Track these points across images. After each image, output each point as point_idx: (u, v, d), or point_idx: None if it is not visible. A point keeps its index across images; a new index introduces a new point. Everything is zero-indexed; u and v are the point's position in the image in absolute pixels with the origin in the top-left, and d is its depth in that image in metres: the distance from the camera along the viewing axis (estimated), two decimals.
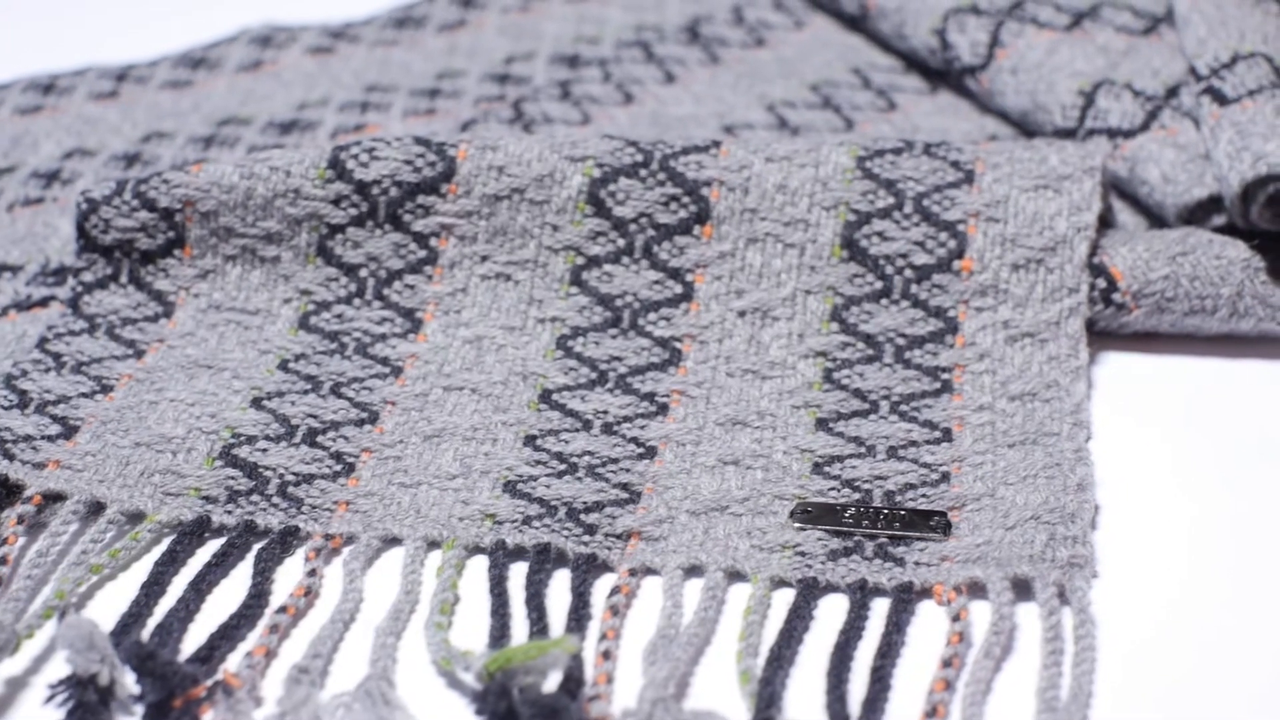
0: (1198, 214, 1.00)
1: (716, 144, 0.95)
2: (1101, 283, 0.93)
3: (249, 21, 1.24)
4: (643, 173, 0.94)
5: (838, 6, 1.22)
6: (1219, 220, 0.99)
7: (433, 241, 0.94)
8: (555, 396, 0.89)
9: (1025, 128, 1.11)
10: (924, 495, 0.83)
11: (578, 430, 0.87)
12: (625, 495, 0.83)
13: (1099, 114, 1.05)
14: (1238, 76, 1.01)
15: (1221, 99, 1.01)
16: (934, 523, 0.81)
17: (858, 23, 1.21)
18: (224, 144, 1.10)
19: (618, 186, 0.94)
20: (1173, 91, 1.06)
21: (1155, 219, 1.02)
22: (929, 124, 1.11)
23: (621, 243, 0.94)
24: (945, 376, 0.90)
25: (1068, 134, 1.06)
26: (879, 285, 0.93)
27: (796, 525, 0.81)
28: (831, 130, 1.10)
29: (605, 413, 0.88)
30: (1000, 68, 1.10)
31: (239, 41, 1.21)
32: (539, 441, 0.86)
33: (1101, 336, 0.94)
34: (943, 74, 1.16)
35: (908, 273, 0.93)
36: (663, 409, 0.88)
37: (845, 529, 0.81)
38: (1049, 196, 0.94)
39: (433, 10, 1.24)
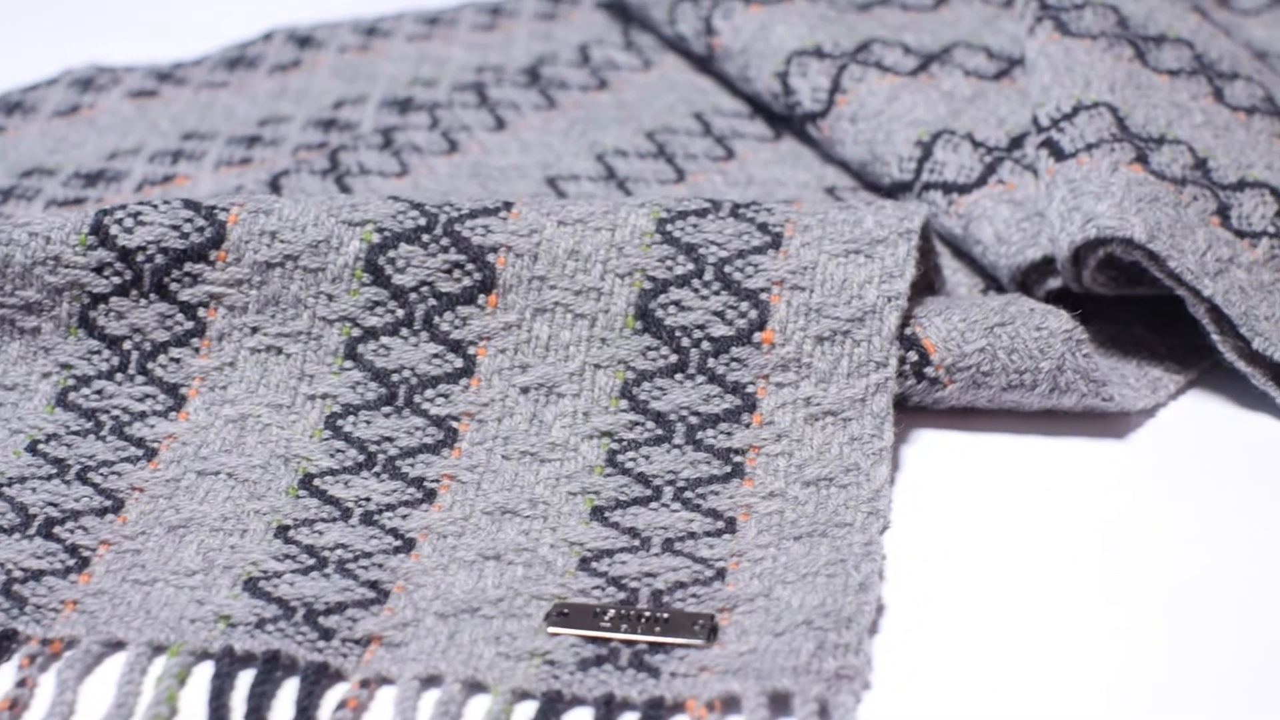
0: (1032, 276, 0.94)
1: (507, 206, 0.89)
2: (913, 356, 0.86)
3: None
4: (425, 238, 0.88)
5: (687, 46, 1.15)
6: (1055, 283, 0.93)
7: (200, 312, 0.88)
8: (317, 482, 0.83)
9: (865, 179, 1.05)
10: (694, 595, 0.77)
11: (335, 520, 0.81)
12: (372, 595, 0.77)
13: (935, 167, 0.99)
14: (1077, 128, 0.95)
15: (1058, 153, 0.94)
16: (699, 627, 0.75)
17: (706, 64, 1.15)
18: (22, 197, 1.04)
19: (398, 253, 0.88)
20: (1017, 142, 1.00)
21: (995, 280, 0.96)
22: (765, 174, 1.05)
23: (400, 313, 0.88)
24: (737, 459, 0.84)
25: (904, 187, 1.00)
26: (673, 359, 0.86)
27: (551, 630, 0.75)
28: (660, 182, 1.04)
29: (368, 500, 0.82)
30: (840, 115, 1.04)
31: (59, 84, 1.15)
32: (291, 533, 0.80)
33: (914, 412, 0.88)
34: (788, 120, 1.10)
35: (705, 345, 0.86)
36: (430, 496, 0.82)
37: (603, 634, 0.75)
38: (860, 262, 0.87)
39: (268, 50, 1.18)
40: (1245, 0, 1.17)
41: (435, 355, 0.87)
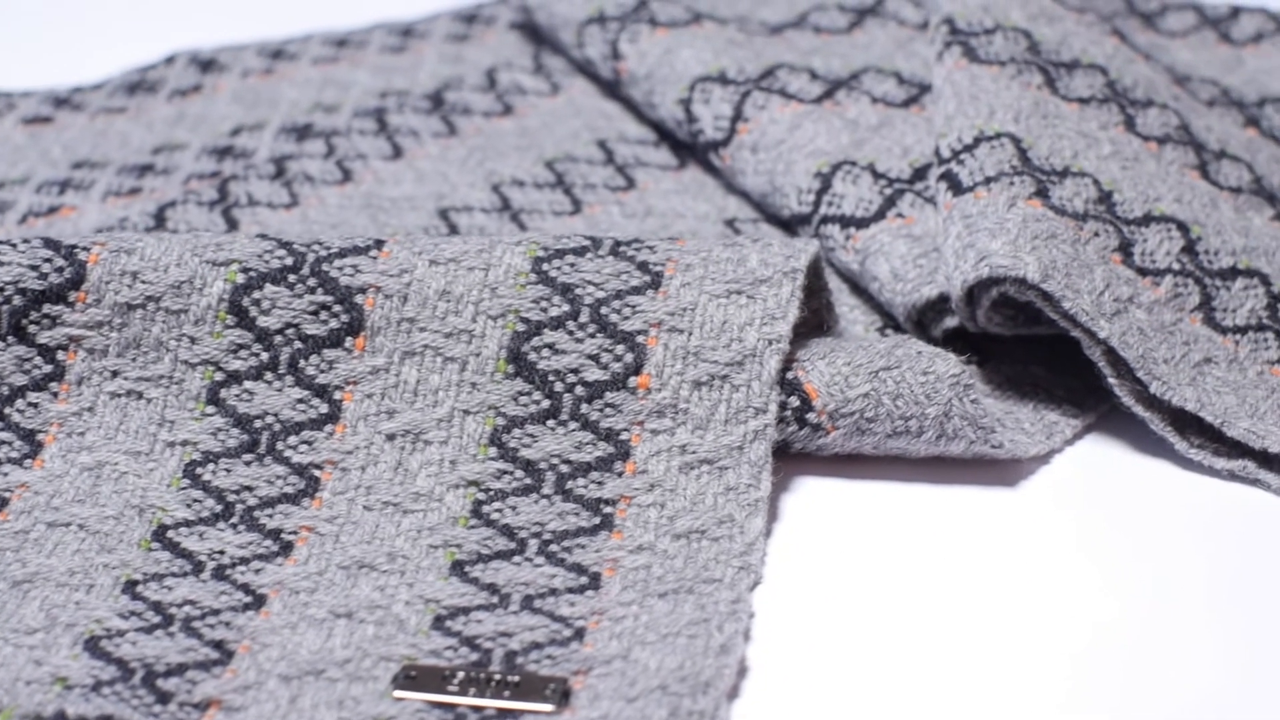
0: (929, 315, 0.91)
1: (378, 244, 0.86)
2: (795, 401, 0.83)
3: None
4: (291, 278, 0.85)
5: (596, 70, 1.12)
6: (951, 322, 0.90)
7: (59, 355, 0.85)
8: (171, 534, 0.80)
9: (767, 211, 1.01)
10: (549, 656, 0.74)
11: (186, 575, 0.78)
12: (216, 655, 0.74)
13: (834, 199, 0.96)
14: (977, 161, 0.92)
15: (956, 186, 0.91)
16: (550, 691, 0.72)
17: (615, 89, 1.12)
18: None
19: (263, 294, 0.85)
20: (920, 173, 0.97)
21: (894, 319, 0.93)
22: (665, 205, 1.02)
23: (265, 357, 0.84)
24: (607, 511, 0.81)
25: (803, 220, 0.97)
26: (546, 405, 0.83)
27: (397, 694, 0.72)
28: (555, 213, 1.01)
29: (222, 553, 0.79)
30: (741, 144, 1.01)
31: None
32: (140, 588, 0.77)
33: (797, 459, 0.85)
34: (693, 148, 1.06)
35: (578, 390, 0.83)
36: (286, 549, 0.79)
37: (450, 698, 0.72)
38: (741, 303, 0.84)
39: (169, 74, 1.15)
40: (1172, 21, 1.14)
41: (300, 400, 0.84)
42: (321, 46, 1.18)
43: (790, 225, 0.99)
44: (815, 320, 0.89)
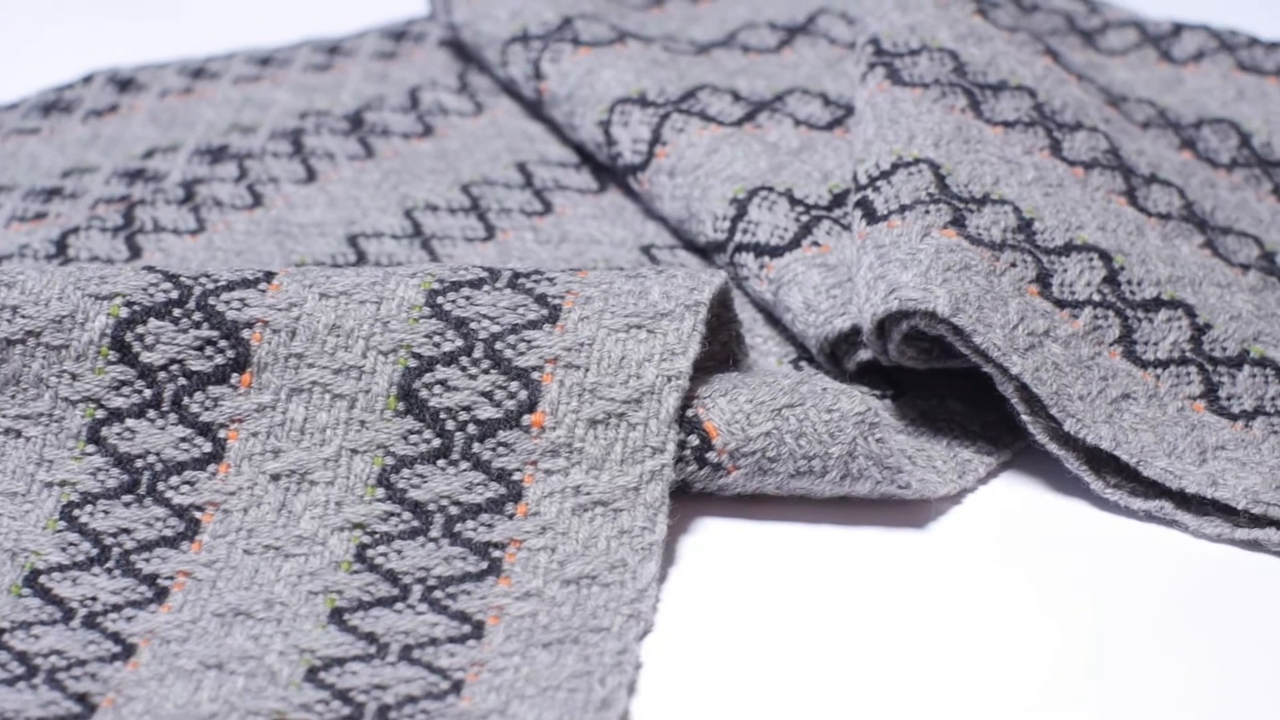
0: (842, 347, 0.88)
1: (268, 277, 0.83)
2: (694, 440, 0.80)
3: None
4: (177, 312, 0.82)
5: (519, 91, 1.09)
6: (865, 355, 0.87)
7: None
8: (44, 579, 0.77)
9: (684, 238, 0.98)
10: (424, 711, 0.71)
11: (55, 622, 0.75)
12: (77, 710, 0.71)
13: (749, 227, 0.93)
14: (893, 188, 0.89)
15: (870, 214, 0.88)
16: None
17: (538, 109, 1.09)
18: None
19: (147, 328, 0.82)
20: (839, 199, 0.94)
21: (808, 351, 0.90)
22: (581, 231, 0.99)
23: (148, 394, 0.82)
24: (496, 555, 0.78)
25: (719, 248, 0.94)
26: (436, 444, 0.80)
27: None
28: (468, 240, 0.98)
29: (94, 600, 0.76)
30: (659, 168, 0.98)
31: None
32: (6, 637, 0.74)
33: (698, 500, 0.82)
34: (614, 171, 1.03)
35: (470, 429, 0.80)
36: (161, 595, 0.76)
37: None
38: (641, 338, 0.81)
39: (85, 93, 1.12)
40: (1112, 39, 1.11)
41: (183, 439, 0.81)
42: (244, 65, 1.15)
43: (706, 253, 0.96)
44: (724, 353, 0.86)
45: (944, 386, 0.88)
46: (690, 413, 0.81)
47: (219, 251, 0.97)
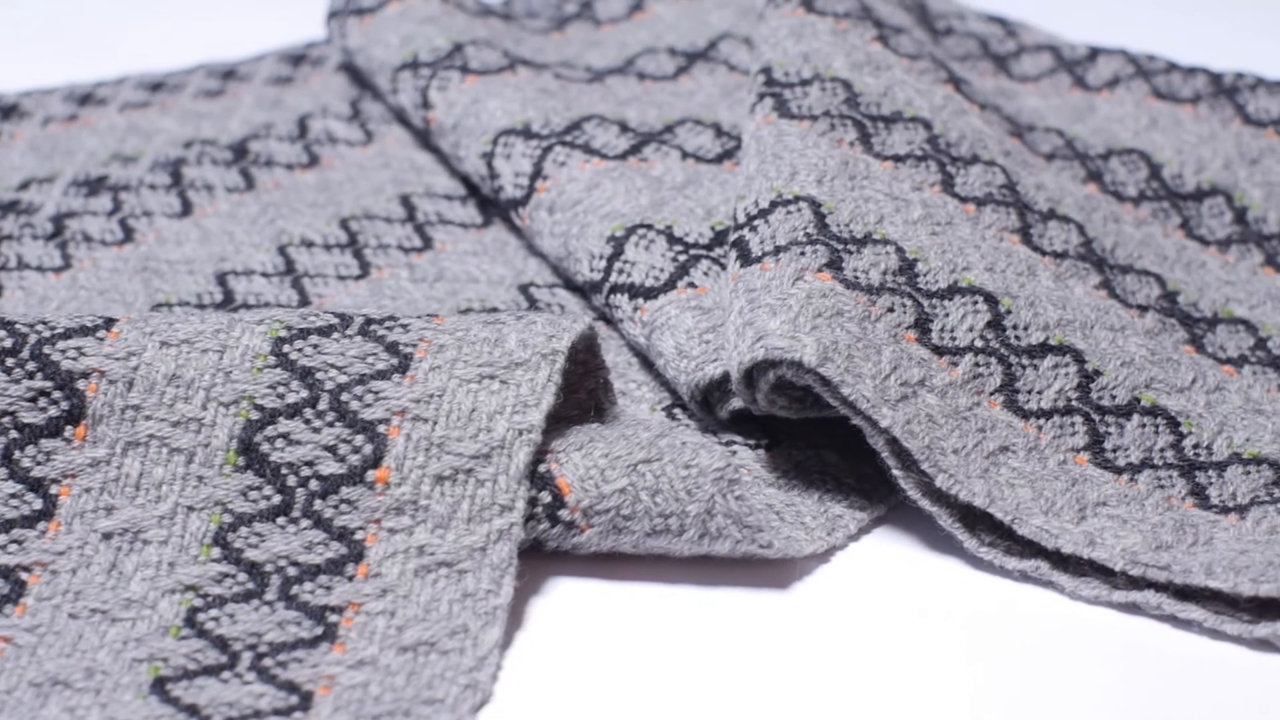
0: (714, 395, 0.84)
1: (108, 324, 0.80)
2: (546, 497, 0.77)
3: None
4: (9, 362, 0.78)
5: (410, 119, 1.06)
6: (738, 403, 0.83)
7: None
8: None
9: (564, 277, 0.95)
10: None
11: None
12: None
13: (624, 266, 0.89)
14: (771, 228, 0.85)
15: (745, 256, 0.85)
16: None
17: (427, 139, 1.05)
18: None
19: None
20: (721, 237, 0.90)
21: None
22: (459, 268, 0.95)
23: None
24: (333, 619, 0.74)
25: (595, 288, 0.90)
26: (277, 500, 0.77)
27: None
28: (340, 277, 0.94)
29: None
30: (539, 204, 0.94)
31: None
32: None
33: (553, 558, 0.78)
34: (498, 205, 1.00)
35: (313, 485, 0.77)
36: None
37: None
38: (493, 389, 0.78)
39: None
40: (1027, 64, 1.07)
41: (13, 496, 0.77)
42: (134, 90, 1.11)
43: (585, 293, 0.93)
44: (590, 402, 0.83)
45: (821, 436, 0.84)
46: (543, 468, 0.77)
47: (82, 290, 0.94)
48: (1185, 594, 0.76)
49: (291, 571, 0.76)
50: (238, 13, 1.26)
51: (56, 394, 0.78)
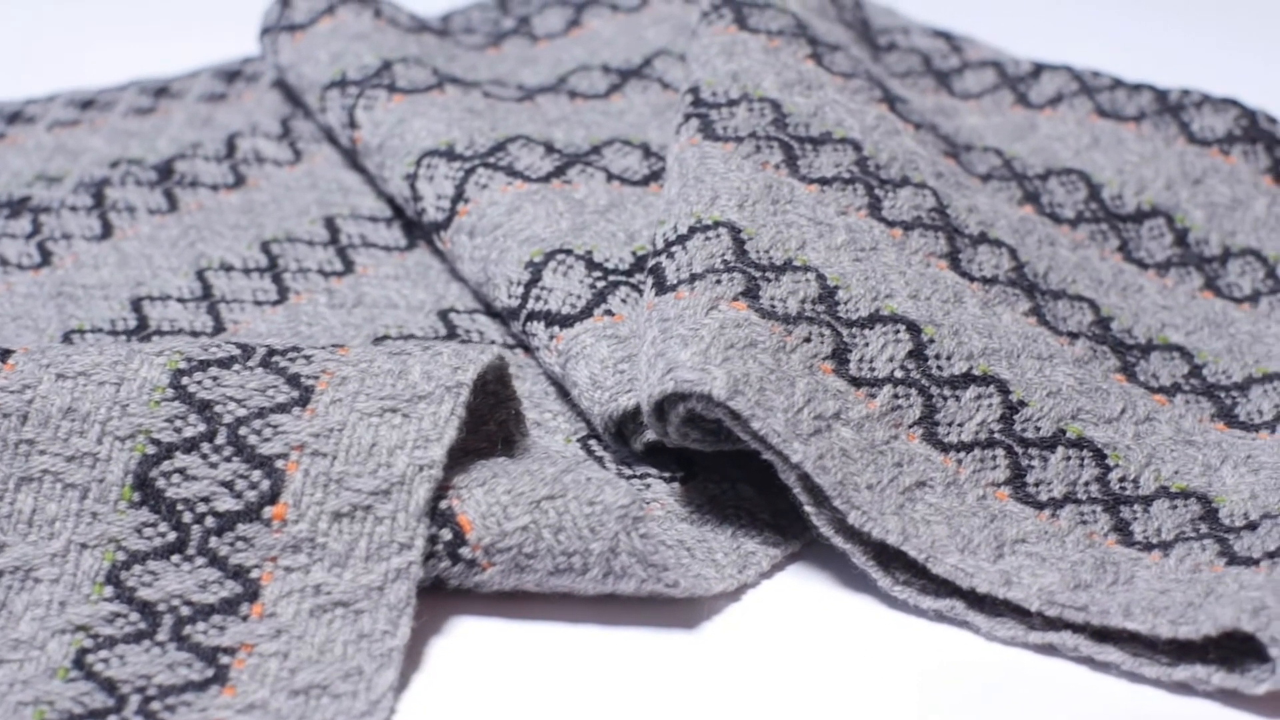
0: (629, 426, 0.83)
1: (4, 355, 0.78)
2: (447, 534, 0.75)
3: None
4: None
5: (338, 138, 1.04)
6: (652, 436, 0.81)
7: None
8: None
9: (485, 302, 0.93)
10: None
11: None
12: None
13: (541, 294, 0.87)
14: (688, 254, 0.83)
15: (660, 284, 0.83)
16: None
17: (355, 159, 1.03)
18: None
19: None
20: (642, 262, 0.88)
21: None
22: (379, 293, 0.93)
23: None
24: (224, 661, 0.72)
25: (513, 315, 0.88)
26: (172, 538, 0.75)
27: None
28: (258, 303, 0.92)
29: None
30: (460, 227, 0.92)
31: None
32: None
33: (455, 596, 0.76)
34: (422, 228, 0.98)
35: (209, 522, 0.75)
36: None
37: None
38: (395, 423, 0.76)
39: None
40: (969, 81, 1.05)
41: None
42: (64, 108, 1.09)
43: (504, 320, 0.91)
44: (501, 433, 0.81)
45: (738, 469, 0.82)
46: (444, 504, 0.75)
47: None
48: (1104, 635, 0.74)
49: (185, 611, 0.74)
50: (176, 28, 1.23)
51: None
